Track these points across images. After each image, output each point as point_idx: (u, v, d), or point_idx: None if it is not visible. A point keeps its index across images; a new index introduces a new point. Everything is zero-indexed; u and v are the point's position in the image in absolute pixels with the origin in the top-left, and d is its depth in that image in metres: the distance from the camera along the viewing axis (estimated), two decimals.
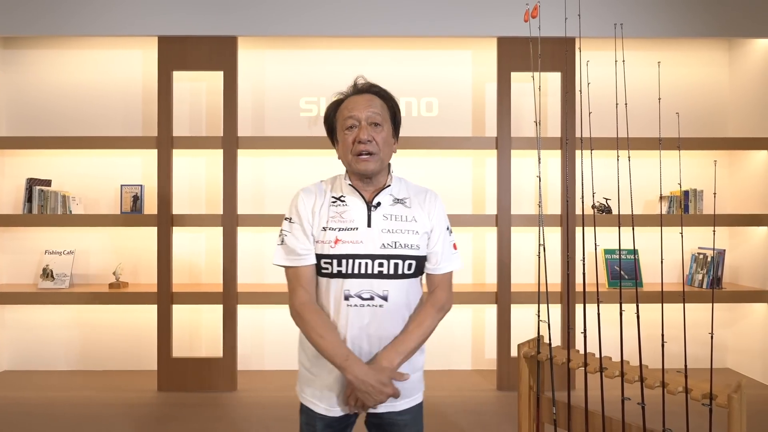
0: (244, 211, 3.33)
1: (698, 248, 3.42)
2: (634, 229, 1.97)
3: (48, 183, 3.34)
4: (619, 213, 1.97)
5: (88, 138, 3.20)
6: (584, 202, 3.18)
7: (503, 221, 3.16)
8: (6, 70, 3.46)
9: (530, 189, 3.48)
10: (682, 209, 3.28)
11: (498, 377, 3.15)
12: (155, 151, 3.16)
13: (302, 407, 1.38)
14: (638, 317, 1.86)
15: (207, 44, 3.11)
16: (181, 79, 3.35)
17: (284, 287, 1.44)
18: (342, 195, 1.35)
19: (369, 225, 1.30)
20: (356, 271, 1.27)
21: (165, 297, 3.09)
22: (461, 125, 3.51)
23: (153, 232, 3.17)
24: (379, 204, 1.34)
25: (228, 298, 3.10)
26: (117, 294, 3.14)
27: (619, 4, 3.14)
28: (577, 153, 3.11)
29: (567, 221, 2.95)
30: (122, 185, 3.34)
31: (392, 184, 1.37)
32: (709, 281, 3.31)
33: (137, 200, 3.32)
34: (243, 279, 3.34)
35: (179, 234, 3.34)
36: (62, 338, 3.45)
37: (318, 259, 1.31)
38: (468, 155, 3.52)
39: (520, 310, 3.26)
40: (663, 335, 1.80)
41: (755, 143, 3.27)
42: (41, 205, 3.25)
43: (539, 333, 2.05)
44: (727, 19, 3.15)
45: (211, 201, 3.43)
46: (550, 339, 1.98)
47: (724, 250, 3.42)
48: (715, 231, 2.18)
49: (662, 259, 1.90)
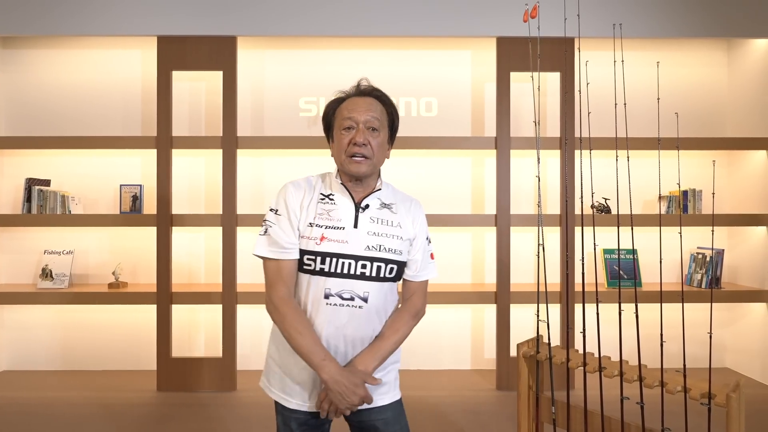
0: (244, 211, 3.33)
1: (697, 248, 3.43)
2: (633, 229, 1.98)
3: (47, 183, 3.34)
4: (618, 213, 1.97)
5: (88, 138, 3.20)
6: (583, 202, 3.20)
7: (502, 221, 3.16)
8: (5, 70, 3.46)
9: (529, 189, 3.49)
10: (681, 209, 3.29)
11: (497, 377, 3.16)
12: (154, 151, 3.16)
13: (278, 407, 1.37)
14: (637, 317, 1.86)
15: (206, 44, 3.11)
16: (181, 79, 3.35)
17: None
18: (331, 193, 1.35)
19: (356, 226, 1.31)
20: (339, 271, 1.27)
21: (164, 297, 3.09)
22: (460, 125, 3.52)
23: (152, 232, 3.17)
24: (368, 206, 1.34)
25: (227, 298, 3.10)
26: (116, 294, 3.14)
27: (618, 5, 3.14)
28: (577, 153, 3.12)
29: (566, 221, 2.95)
30: (121, 185, 3.34)
31: (382, 188, 1.39)
32: (708, 281, 3.31)
33: (136, 200, 3.32)
34: (242, 279, 3.34)
35: (178, 234, 3.34)
36: (61, 338, 3.45)
37: (301, 255, 1.30)
38: (467, 155, 3.52)
39: (520, 310, 3.26)
40: (662, 335, 1.81)
41: (754, 143, 3.28)
42: (40, 205, 3.24)
43: (538, 333, 2.05)
44: (726, 20, 3.16)
45: (211, 201, 3.43)
46: (550, 339, 1.99)
47: (723, 250, 3.43)
48: (714, 231, 2.19)
49: (661, 259, 1.91)
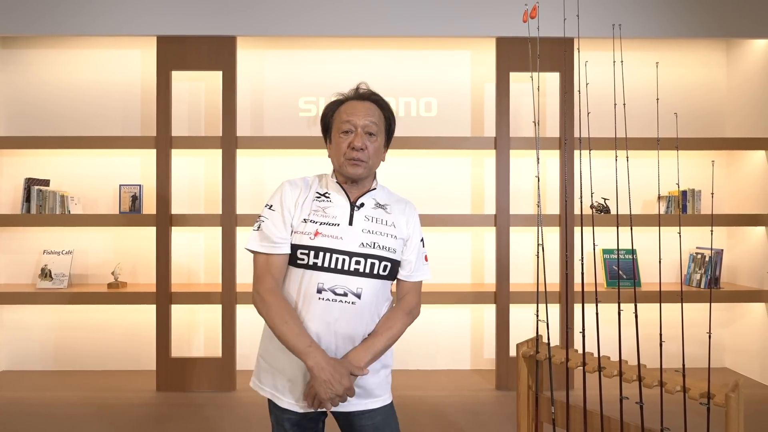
0: (243, 211, 3.32)
1: (696, 248, 3.43)
2: (633, 229, 1.98)
3: (46, 183, 3.34)
4: (618, 213, 1.97)
5: (87, 138, 3.20)
6: (583, 202, 3.21)
7: (502, 221, 3.16)
8: (5, 70, 3.45)
9: (529, 189, 3.49)
10: (680, 209, 3.29)
11: (497, 377, 3.16)
12: (154, 151, 3.16)
13: (271, 406, 1.37)
14: (636, 317, 1.87)
15: (206, 44, 3.11)
16: (180, 79, 3.34)
17: None
18: (327, 192, 1.38)
19: (351, 223, 1.32)
20: (332, 266, 1.28)
21: (164, 297, 3.09)
22: (460, 125, 3.52)
23: (152, 232, 3.17)
24: (363, 205, 1.37)
25: (227, 298, 3.10)
26: (116, 294, 3.13)
27: (618, 5, 3.15)
28: (576, 153, 3.12)
29: (566, 221, 2.96)
30: (121, 185, 3.34)
31: (377, 189, 1.41)
32: (707, 281, 3.32)
33: (136, 200, 3.32)
34: (242, 279, 3.33)
35: (178, 234, 3.33)
36: (61, 338, 3.44)
37: (294, 250, 1.31)
38: (467, 155, 3.52)
39: (519, 310, 3.26)
40: (661, 335, 1.81)
41: (753, 143, 3.28)
42: (40, 205, 3.24)
43: (538, 333, 2.06)
44: (725, 20, 3.17)
45: (210, 201, 3.43)
46: (549, 339, 1.99)
47: (722, 250, 3.43)
48: (713, 231, 2.19)
49: (660, 259, 1.91)
